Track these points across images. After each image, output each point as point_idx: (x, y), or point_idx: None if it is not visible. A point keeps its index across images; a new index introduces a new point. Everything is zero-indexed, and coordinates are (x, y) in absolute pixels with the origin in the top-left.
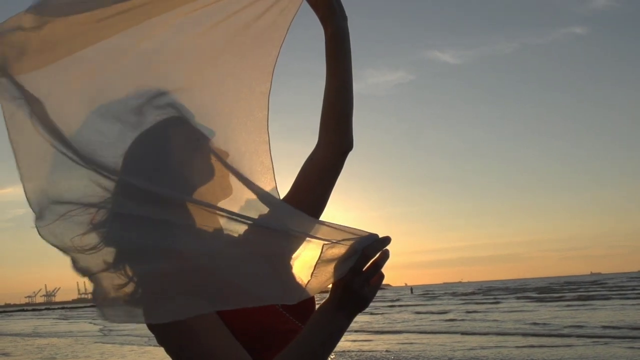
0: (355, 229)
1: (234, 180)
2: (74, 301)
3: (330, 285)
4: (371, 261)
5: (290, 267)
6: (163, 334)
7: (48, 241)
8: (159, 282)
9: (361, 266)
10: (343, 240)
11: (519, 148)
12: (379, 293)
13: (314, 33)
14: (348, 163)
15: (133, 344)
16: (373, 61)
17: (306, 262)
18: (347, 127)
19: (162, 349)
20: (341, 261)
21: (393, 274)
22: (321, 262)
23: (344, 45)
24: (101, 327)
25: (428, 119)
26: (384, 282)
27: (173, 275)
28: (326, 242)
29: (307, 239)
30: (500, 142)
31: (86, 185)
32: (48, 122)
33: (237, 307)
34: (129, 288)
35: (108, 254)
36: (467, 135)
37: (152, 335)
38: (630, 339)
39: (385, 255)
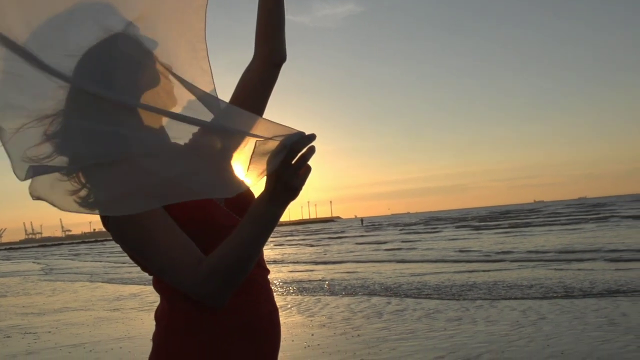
0: (285, 126)
1: (177, 89)
2: (21, 242)
3: (264, 179)
4: (299, 155)
5: (228, 164)
6: (118, 233)
7: (10, 154)
8: (111, 186)
9: (290, 159)
10: (274, 136)
11: (468, 81)
12: (325, 226)
13: None
14: (298, 98)
15: (82, 281)
16: None
17: (242, 158)
18: (279, 40)
19: (110, 284)
20: (273, 156)
21: (344, 206)
22: (255, 157)
23: None
24: (43, 266)
25: (379, 52)
26: (335, 214)
27: (123, 179)
28: (259, 139)
29: (243, 137)
30: (451, 75)
31: (38, 98)
32: None
33: (183, 200)
34: (83, 193)
35: (62, 162)
36: (417, 69)
37: (96, 272)
38: (556, 262)
39: (311, 150)
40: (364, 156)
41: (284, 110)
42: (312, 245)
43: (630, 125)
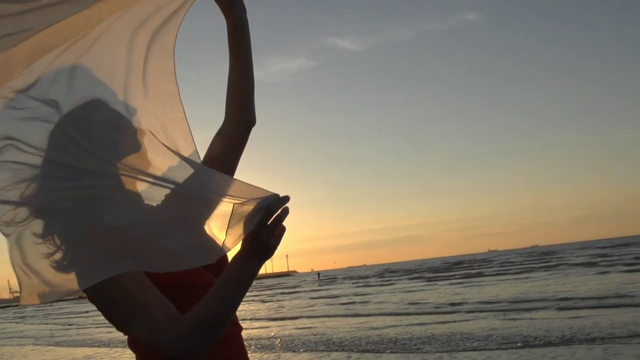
0: (260, 188)
1: (153, 153)
2: None
3: (241, 241)
4: (274, 216)
5: (206, 229)
6: (94, 292)
7: None
8: (86, 249)
9: (266, 221)
10: (250, 199)
11: (421, 131)
12: (281, 280)
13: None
14: (252, 153)
15: (31, 344)
16: (274, 49)
17: (220, 222)
18: (249, 104)
19: (61, 347)
20: (249, 218)
21: (300, 260)
22: (233, 220)
23: (244, 34)
24: None
25: (331, 105)
26: (291, 268)
27: (99, 243)
28: (236, 202)
29: (220, 200)
30: (403, 126)
31: (15, 166)
32: None
33: (162, 271)
34: (57, 256)
35: (37, 225)
36: (369, 120)
37: (41, 335)
38: (511, 311)
39: (285, 211)
40: (319, 208)
41: (239, 164)
42: (264, 301)
43: (579, 172)
